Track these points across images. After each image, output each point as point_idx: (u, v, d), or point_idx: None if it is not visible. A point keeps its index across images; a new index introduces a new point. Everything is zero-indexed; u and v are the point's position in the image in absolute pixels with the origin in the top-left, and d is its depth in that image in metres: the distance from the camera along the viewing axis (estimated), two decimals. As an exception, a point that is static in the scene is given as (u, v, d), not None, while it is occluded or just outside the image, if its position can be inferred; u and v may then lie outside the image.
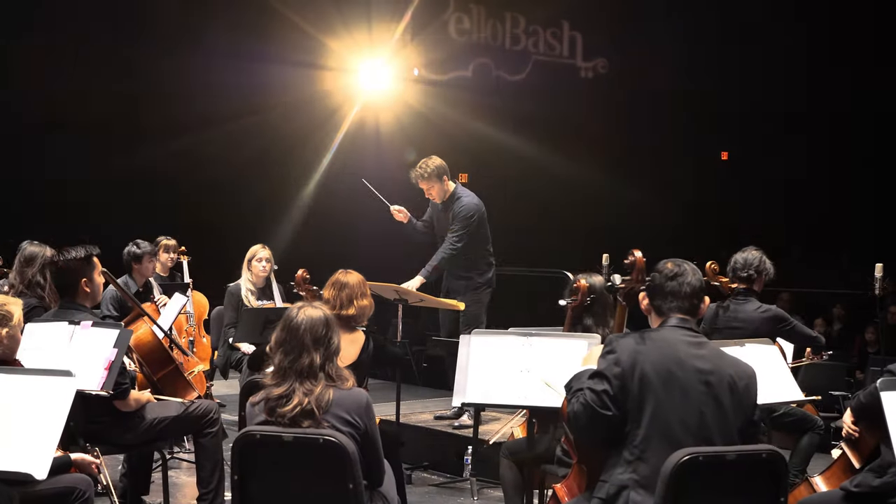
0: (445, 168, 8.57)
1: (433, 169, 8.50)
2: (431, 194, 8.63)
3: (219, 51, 13.45)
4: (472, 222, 8.54)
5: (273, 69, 14.12)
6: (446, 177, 8.58)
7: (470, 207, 8.56)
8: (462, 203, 8.57)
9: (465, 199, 8.61)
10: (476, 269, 8.63)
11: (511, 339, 5.39)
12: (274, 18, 13.98)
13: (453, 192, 8.63)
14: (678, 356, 4.17)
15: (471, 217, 8.53)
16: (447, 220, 8.65)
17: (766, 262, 7.23)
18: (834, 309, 13.53)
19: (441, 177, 8.53)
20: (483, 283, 8.65)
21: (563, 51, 18.05)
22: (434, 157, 8.60)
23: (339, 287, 6.17)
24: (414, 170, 8.61)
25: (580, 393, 4.19)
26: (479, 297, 8.61)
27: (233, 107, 13.81)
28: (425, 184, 8.56)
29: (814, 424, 7.11)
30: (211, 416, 6.28)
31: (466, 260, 8.62)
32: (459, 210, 8.55)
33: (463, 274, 8.63)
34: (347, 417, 4.30)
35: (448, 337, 8.49)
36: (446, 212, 8.67)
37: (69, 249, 5.86)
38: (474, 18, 17.15)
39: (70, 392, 3.86)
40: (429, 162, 8.55)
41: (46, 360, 5.25)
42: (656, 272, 4.34)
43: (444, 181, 8.56)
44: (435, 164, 8.53)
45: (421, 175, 8.53)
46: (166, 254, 9.49)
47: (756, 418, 4.28)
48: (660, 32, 16.53)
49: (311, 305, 4.48)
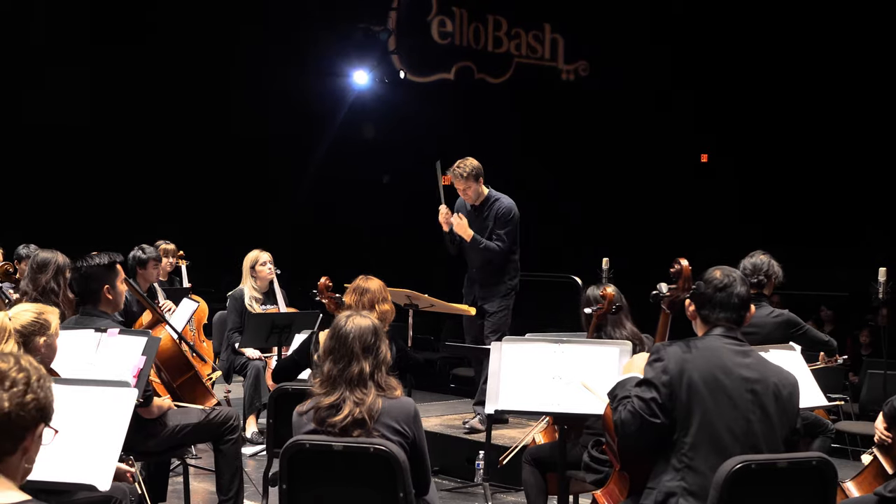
0: (481, 169, 8.44)
1: (471, 169, 8.35)
2: (467, 194, 8.48)
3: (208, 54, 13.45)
4: (514, 222, 8.47)
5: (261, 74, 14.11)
6: (482, 178, 8.45)
7: (511, 207, 8.48)
8: (502, 204, 8.48)
9: (503, 199, 8.52)
10: (507, 274, 8.55)
11: (542, 345, 5.42)
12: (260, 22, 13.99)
13: (488, 196, 8.52)
14: (724, 364, 4.20)
15: (511, 218, 8.45)
16: (480, 223, 8.51)
17: (774, 266, 7.27)
18: (821, 311, 13.62)
19: (478, 178, 8.40)
20: (511, 287, 8.56)
21: (545, 53, 18.11)
22: (470, 158, 8.45)
23: (360, 292, 6.15)
24: (451, 169, 8.43)
25: (627, 401, 4.21)
26: (507, 303, 8.53)
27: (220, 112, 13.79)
28: (462, 183, 8.40)
29: (825, 428, 7.17)
30: (231, 424, 6.26)
31: (496, 264, 8.53)
32: (500, 211, 8.45)
33: (492, 279, 8.54)
34: (396, 426, 4.30)
35: (473, 343, 8.44)
36: (478, 215, 8.55)
37: (93, 255, 5.82)
38: (457, 21, 17.19)
39: (130, 402, 3.85)
40: (466, 162, 8.39)
41: (72, 368, 5.21)
42: (704, 281, 4.37)
43: (479, 182, 8.44)
44: (473, 164, 8.39)
45: (459, 175, 8.36)
46: (165, 258, 9.44)
47: (798, 426, 4.32)
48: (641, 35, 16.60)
49: (359, 314, 4.47)
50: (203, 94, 13.65)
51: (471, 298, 8.66)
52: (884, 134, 15.22)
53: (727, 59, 16.36)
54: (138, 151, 13.34)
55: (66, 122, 12.80)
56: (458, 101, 16.54)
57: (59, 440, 3.80)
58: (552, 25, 18.05)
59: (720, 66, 16.43)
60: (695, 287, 4.41)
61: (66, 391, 3.87)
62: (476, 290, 8.64)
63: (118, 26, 13.26)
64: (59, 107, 12.57)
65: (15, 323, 4.67)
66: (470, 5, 17.21)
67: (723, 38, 16.30)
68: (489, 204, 8.53)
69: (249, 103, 14.17)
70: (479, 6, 17.30)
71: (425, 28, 16.76)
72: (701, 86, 16.64)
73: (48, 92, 12.57)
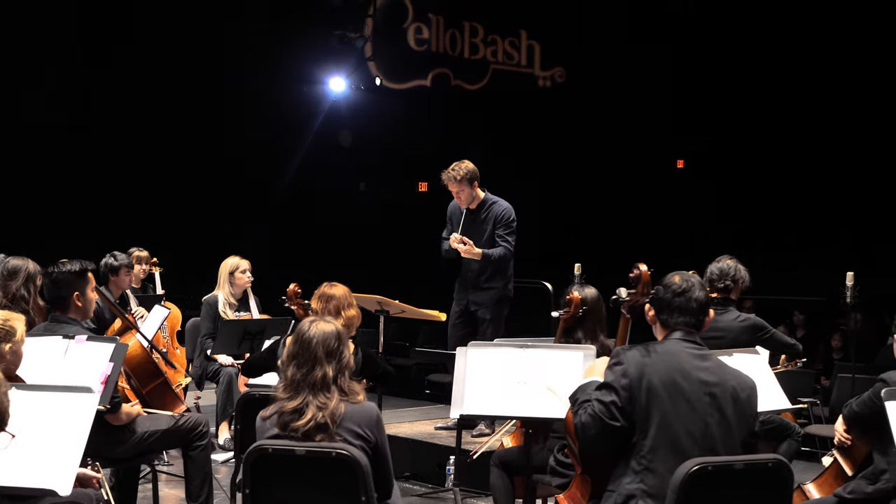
0: (476, 173, 8.47)
1: (465, 172, 8.38)
2: (460, 198, 8.50)
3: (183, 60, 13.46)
4: (515, 223, 8.51)
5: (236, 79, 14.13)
6: (476, 182, 8.48)
7: (509, 210, 8.52)
8: (501, 206, 8.52)
9: (501, 202, 8.56)
10: (501, 281, 8.56)
11: (507, 350, 5.45)
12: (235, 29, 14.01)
13: (484, 199, 8.54)
14: (683, 368, 4.26)
15: (513, 220, 8.50)
16: (477, 226, 8.52)
17: (741, 270, 7.32)
18: (794, 316, 13.70)
19: (472, 181, 8.43)
20: (505, 294, 8.59)
21: (521, 60, 18.18)
22: (466, 161, 8.47)
23: (325, 299, 6.23)
24: (445, 172, 8.46)
25: (588, 404, 4.27)
26: (501, 310, 8.57)
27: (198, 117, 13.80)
28: (455, 186, 8.43)
29: (792, 431, 7.23)
30: (200, 430, 6.30)
31: (493, 270, 8.54)
32: (500, 213, 8.49)
33: (485, 285, 8.55)
34: (359, 431, 4.34)
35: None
36: (475, 218, 8.55)
37: (64, 262, 5.85)
38: (433, 28, 17.24)
39: (92, 408, 3.88)
40: (461, 165, 8.42)
41: (40, 374, 5.23)
42: (663, 286, 4.42)
43: (474, 186, 8.46)
44: (468, 167, 8.42)
45: (453, 178, 8.39)
46: (139, 265, 9.46)
47: (756, 429, 4.38)
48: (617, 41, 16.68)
49: (323, 319, 4.51)
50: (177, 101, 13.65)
51: (463, 304, 8.67)
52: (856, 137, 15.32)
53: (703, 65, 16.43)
54: (113, 157, 13.32)
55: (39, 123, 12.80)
56: (435, 108, 16.58)
57: (20, 445, 3.84)
58: (528, 32, 18.12)
59: (696, 71, 16.51)
60: (654, 292, 4.47)
61: (27, 397, 3.90)
62: (469, 294, 8.64)
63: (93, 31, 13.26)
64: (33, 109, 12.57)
65: (-20, 330, 4.70)
66: (446, 12, 17.27)
67: (698, 45, 16.37)
68: (487, 207, 8.56)
69: (225, 110, 14.18)
70: (456, 13, 17.36)
71: (401, 35, 16.81)
72: (677, 91, 16.72)
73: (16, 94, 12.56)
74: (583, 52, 17.38)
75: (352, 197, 16.18)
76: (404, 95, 16.76)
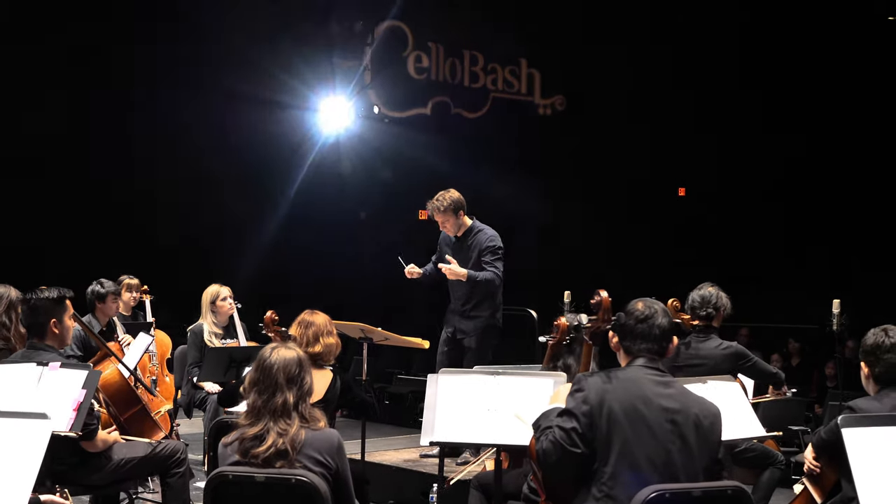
0: (462, 202, 8.49)
1: (449, 203, 8.42)
2: (446, 227, 8.56)
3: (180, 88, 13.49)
4: (501, 250, 8.51)
5: (233, 106, 14.17)
6: (462, 211, 8.50)
7: (494, 237, 8.52)
8: (486, 234, 8.53)
9: (486, 230, 8.57)
10: (487, 310, 8.54)
11: (478, 377, 5.45)
12: (234, 55, 14.04)
13: (471, 227, 8.57)
14: (645, 394, 4.25)
15: (498, 247, 8.49)
16: (464, 254, 8.54)
17: (722, 298, 7.30)
18: (789, 344, 13.68)
19: (457, 211, 8.46)
20: (492, 324, 8.57)
21: (521, 88, 18.24)
22: (452, 191, 8.51)
23: (305, 325, 6.27)
24: (430, 202, 8.50)
25: (549, 431, 4.26)
26: (489, 341, 8.56)
27: (192, 144, 13.84)
28: (440, 216, 8.49)
29: (775, 459, 7.19)
30: (178, 457, 6.30)
31: (478, 299, 8.54)
32: (485, 241, 8.50)
33: (471, 314, 8.56)
34: (319, 458, 4.35)
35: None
36: (461, 246, 8.59)
37: (42, 289, 5.87)
38: (433, 57, 17.31)
39: (45, 434, 3.86)
40: (446, 195, 8.46)
41: (14, 402, 5.24)
42: (626, 313, 4.42)
43: (459, 215, 8.48)
44: (452, 197, 8.45)
45: (437, 208, 8.44)
46: (129, 293, 9.46)
47: (720, 456, 4.37)
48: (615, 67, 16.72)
49: (284, 346, 4.53)
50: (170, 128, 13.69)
51: (450, 331, 8.69)
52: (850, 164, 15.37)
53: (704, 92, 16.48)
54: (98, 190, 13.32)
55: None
56: (435, 136, 16.61)
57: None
58: (528, 60, 18.18)
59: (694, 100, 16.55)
60: (615, 318, 4.47)
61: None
62: (456, 322, 8.66)
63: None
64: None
65: (-52, 357, 4.73)
66: (446, 41, 17.33)
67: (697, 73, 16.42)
68: (472, 235, 8.58)
69: (220, 138, 14.23)
70: (455, 42, 17.42)
71: (401, 63, 16.87)
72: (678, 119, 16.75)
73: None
74: (583, 81, 17.41)
75: (352, 226, 16.20)
76: (404, 123, 16.81)
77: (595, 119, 17.15)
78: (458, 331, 8.63)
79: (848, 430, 4.00)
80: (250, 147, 14.57)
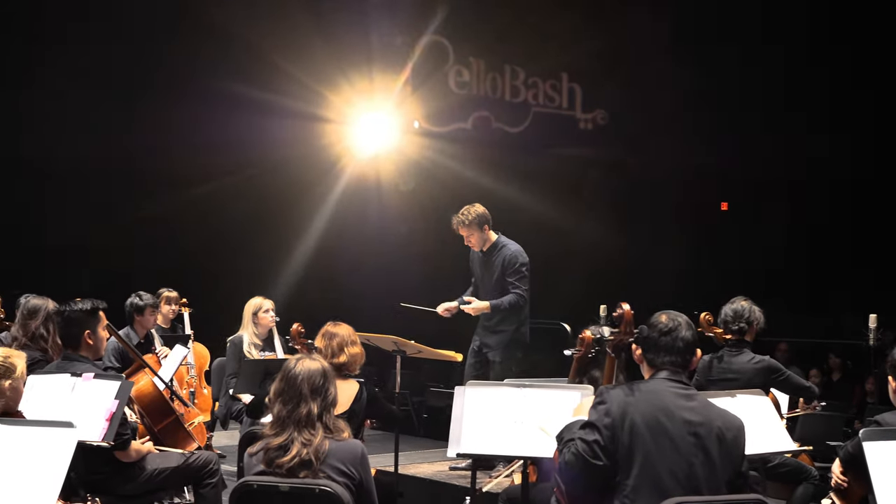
0: (488, 217, 8.62)
1: (474, 217, 8.56)
2: (471, 241, 8.69)
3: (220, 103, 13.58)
4: (526, 268, 8.62)
5: (273, 122, 14.24)
6: (487, 226, 8.63)
7: (517, 255, 8.62)
8: (510, 251, 8.62)
9: (510, 247, 8.66)
10: (512, 325, 8.64)
11: (505, 390, 5.48)
12: (274, 71, 14.13)
13: (495, 242, 8.69)
14: (667, 407, 4.26)
15: (521, 265, 8.60)
16: (489, 269, 8.67)
17: (755, 312, 7.29)
18: (829, 359, 13.57)
19: (482, 225, 8.60)
20: (518, 340, 8.68)
21: (562, 102, 18.23)
22: (477, 205, 8.64)
23: (329, 337, 6.36)
24: (455, 216, 8.64)
25: (571, 443, 4.28)
26: (514, 354, 8.66)
27: (234, 159, 13.92)
28: (465, 230, 8.62)
29: (808, 474, 7.15)
30: (211, 467, 6.37)
31: (502, 315, 8.65)
32: (509, 260, 8.59)
33: (496, 328, 8.66)
34: (343, 468, 4.39)
35: None
36: (487, 262, 8.70)
37: (76, 301, 5.97)
38: (474, 71, 17.32)
39: (71, 443, 3.94)
40: (471, 209, 8.60)
41: (48, 411, 5.33)
42: (650, 326, 4.44)
43: (484, 230, 8.63)
44: (477, 212, 8.59)
45: (462, 222, 8.59)
46: (168, 305, 9.56)
47: (744, 469, 4.36)
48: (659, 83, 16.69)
49: (309, 357, 4.59)
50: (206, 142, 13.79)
51: (477, 343, 8.79)
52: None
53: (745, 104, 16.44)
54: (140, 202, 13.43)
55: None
56: (476, 151, 16.62)
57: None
58: (569, 75, 18.17)
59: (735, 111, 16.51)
60: (637, 331, 4.48)
61: (5, 431, 3.98)
62: (482, 335, 8.78)
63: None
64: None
65: (-20, 366, 4.81)
66: (487, 55, 17.35)
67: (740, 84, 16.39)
68: (497, 250, 8.68)
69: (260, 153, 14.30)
70: (496, 56, 17.43)
71: (442, 78, 16.90)
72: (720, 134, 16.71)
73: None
74: (624, 95, 17.38)
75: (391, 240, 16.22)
76: (445, 138, 16.82)
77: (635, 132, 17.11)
78: (483, 344, 8.74)
79: (869, 443, 4.00)
80: (290, 161, 14.62)
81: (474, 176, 15.78)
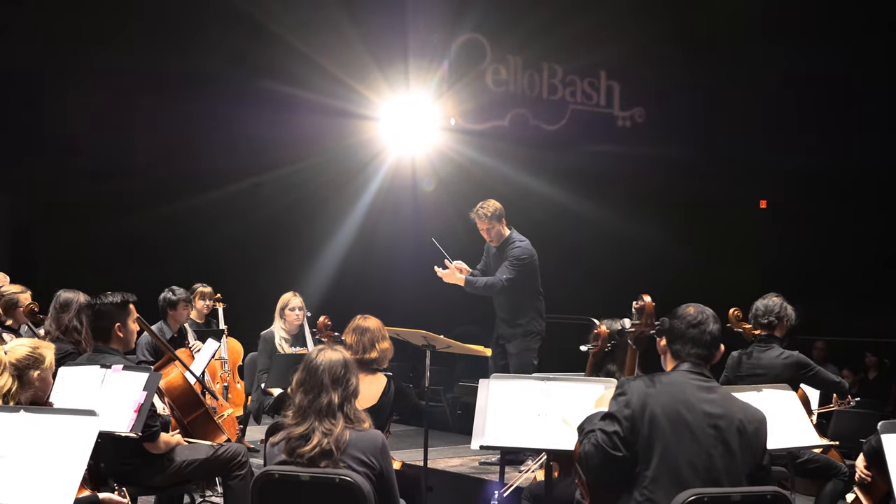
0: (503, 211, 8.86)
1: (493, 211, 8.77)
2: (490, 234, 8.90)
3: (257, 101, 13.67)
4: (524, 264, 8.78)
5: (310, 119, 14.30)
6: (504, 220, 8.87)
7: (523, 250, 8.83)
8: (516, 246, 8.83)
9: (520, 243, 8.87)
10: (525, 317, 8.86)
11: (529, 383, 5.50)
12: (311, 69, 14.18)
13: (508, 237, 8.90)
14: (687, 399, 4.26)
15: (523, 259, 8.78)
16: (500, 262, 8.87)
17: (787, 308, 7.28)
18: (866, 358, 13.48)
19: (500, 219, 8.84)
20: (533, 331, 8.87)
21: (600, 100, 18.17)
22: (492, 200, 8.88)
23: (360, 332, 6.38)
24: (473, 210, 8.87)
25: (592, 434, 4.29)
26: (529, 345, 8.85)
27: (270, 156, 14.02)
28: (484, 224, 8.83)
29: (838, 471, 7.11)
30: (239, 459, 6.41)
31: (514, 307, 8.89)
32: (513, 252, 8.79)
33: (513, 321, 8.88)
34: (363, 458, 4.42)
35: None
36: (500, 256, 8.91)
37: (107, 294, 6.04)
38: (511, 69, 17.30)
39: (93, 431, 3.98)
40: (488, 204, 8.82)
41: (78, 403, 5.39)
42: (677, 317, 4.44)
43: (501, 224, 8.86)
44: (495, 206, 8.81)
45: (482, 215, 8.80)
46: (202, 301, 9.66)
47: (765, 463, 4.35)
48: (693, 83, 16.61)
49: (330, 348, 4.62)
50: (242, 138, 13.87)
51: (494, 338, 9.00)
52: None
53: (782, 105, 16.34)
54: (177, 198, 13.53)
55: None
56: (514, 148, 16.61)
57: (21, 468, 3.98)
58: (607, 73, 18.12)
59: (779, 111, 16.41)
60: (658, 323, 4.49)
61: (30, 420, 4.04)
62: (500, 328, 8.99)
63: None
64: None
65: (10, 357, 4.89)
66: (524, 53, 17.33)
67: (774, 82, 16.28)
68: (509, 245, 8.88)
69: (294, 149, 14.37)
70: (534, 54, 17.41)
71: (479, 75, 16.89)
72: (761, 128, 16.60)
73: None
74: (662, 93, 17.30)
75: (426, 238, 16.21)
76: (482, 136, 16.81)
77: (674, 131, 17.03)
78: (500, 336, 8.98)
79: (888, 435, 3.99)
80: (327, 158, 14.68)
81: (511, 173, 15.78)
